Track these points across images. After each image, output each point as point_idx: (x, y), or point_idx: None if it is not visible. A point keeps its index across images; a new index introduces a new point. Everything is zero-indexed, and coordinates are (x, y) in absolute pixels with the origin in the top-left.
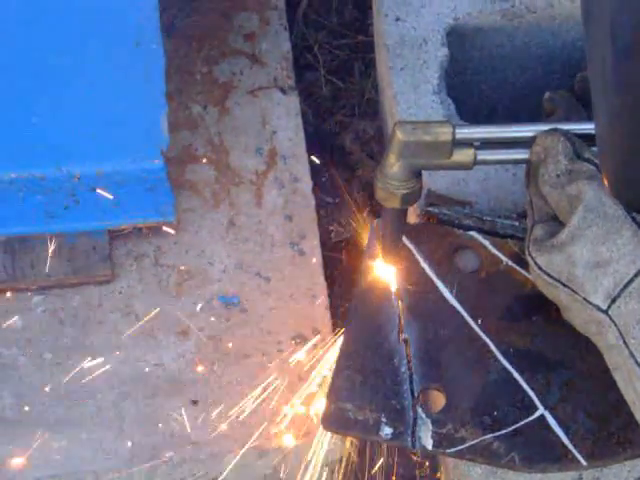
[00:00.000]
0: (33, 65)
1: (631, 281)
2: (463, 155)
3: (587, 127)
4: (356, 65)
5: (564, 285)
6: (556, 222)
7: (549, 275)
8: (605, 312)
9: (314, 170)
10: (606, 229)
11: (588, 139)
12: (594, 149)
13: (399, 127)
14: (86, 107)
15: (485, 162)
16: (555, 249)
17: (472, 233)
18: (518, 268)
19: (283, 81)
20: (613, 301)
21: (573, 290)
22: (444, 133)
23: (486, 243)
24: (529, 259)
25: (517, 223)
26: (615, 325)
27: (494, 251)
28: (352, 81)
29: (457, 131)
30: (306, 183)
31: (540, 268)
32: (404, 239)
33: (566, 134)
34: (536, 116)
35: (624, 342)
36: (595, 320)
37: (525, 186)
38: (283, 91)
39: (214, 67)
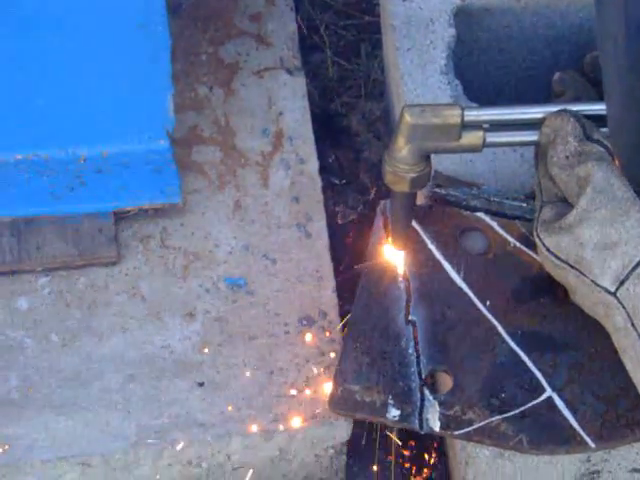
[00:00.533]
0: (38, 46)
1: (639, 263)
2: (472, 137)
3: (597, 108)
4: (363, 46)
5: (572, 267)
6: (565, 204)
7: (557, 257)
8: (613, 294)
9: (320, 151)
10: (614, 211)
11: (598, 120)
12: (604, 130)
13: (407, 110)
14: (92, 88)
15: (494, 144)
16: (563, 231)
17: (479, 214)
18: (526, 249)
19: (289, 62)
20: (621, 283)
21: (581, 272)
22: (453, 115)
23: (494, 224)
24: (537, 240)
25: (525, 204)
26: (623, 307)
27: (502, 232)
28: (358, 62)
29: (466, 113)
30: (312, 164)
31: (548, 250)
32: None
33: (575, 115)
34: (543, 97)
35: (632, 324)
36: (603, 302)
37: (534, 167)
38: (289, 72)
39: (220, 48)
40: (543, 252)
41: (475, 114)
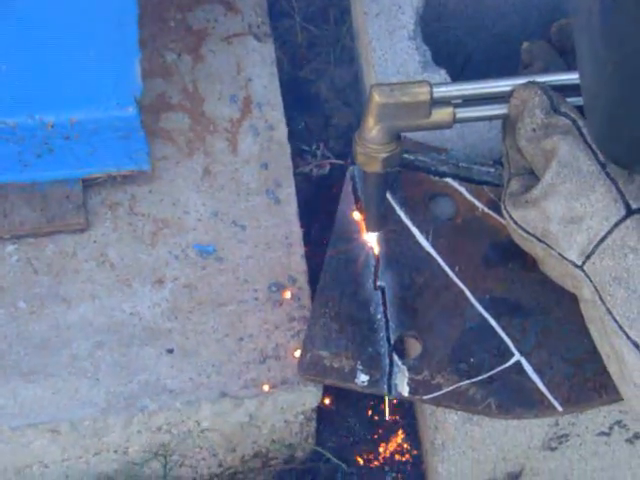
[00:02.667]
0: (3, 13)
1: (604, 238)
2: (442, 114)
3: (565, 78)
4: (332, 12)
5: (539, 240)
6: (532, 175)
7: (524, 230)
8: (580, 268)
9: (290, 118)
10: (580, 185)
11: (566, 90)
12: (572, 100)
13: (376, 89)
14: (58, 55)
15: (465, 120)
16: (530, 204)
17: (448, 180)
18: (494, 214)
19: (258, 28)
20: (588, 257)
21: (548, 245)
22: (422, 93)
23: (462, 190)
24: (505, 213)
25: (493, 169)
26: (590, 281)
27: (470, 198)
28: (328, 28)
29: (435, 90)
30: (281, 131)
31: (516, 222)
32: None
33: (543, 87)
34: (512, 63)
35: (600, 298)
36: (571, 275)
37: (502, 139)
38: (258, 38)
39: (188, 14)
40: (511, 225)
41: (444, 90)
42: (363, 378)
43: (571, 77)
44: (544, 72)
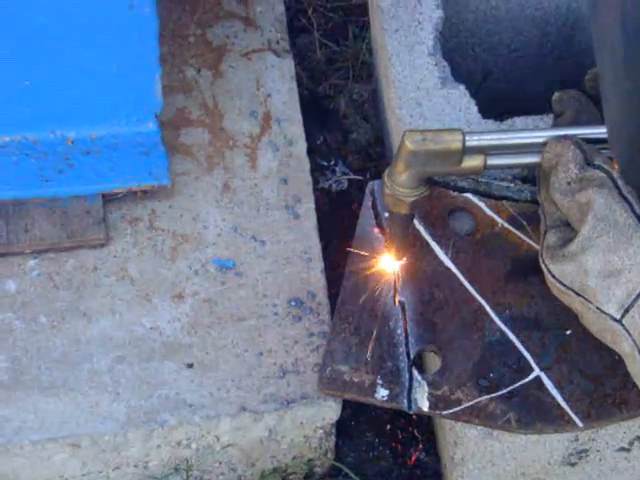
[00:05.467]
0: (25, 28)
1: None
2: (473, 162)
3: (598, 131)
4: (350, 27)
5: (577, 294)
6: (568, 227)
7: (562, 284)
8: (619, 322)
9: (309, 133)
10: (617, 238)
11: (599, 142)
12: (605, 152)
13: (408, 137)
14: (79, 70)
15: (495, 167)
16: (567, 258)
17: (467, 195)
18: (514, 230)
19: (277, 44)
20: (626, 311)
21: (586, 299)
22: (454, 141)
23: (481, 205)
24: (543, 267)
25: (512, 185)
26: (629, 335)
27: (489, 213)
28: (347, 44)
29: (467, 139)
30: (301, 146)
31: (554, 276)
32: None
33: (576, 141)
34: (530, 79)
35: (639, 352)
36: (609, 329)
37: (537, 192)
38: (277, 54)
39: (208, 30)
40: (549, 278)
41: (477, 139)
42: (383, 393)
43: (604, 131)
44: (577, 125)
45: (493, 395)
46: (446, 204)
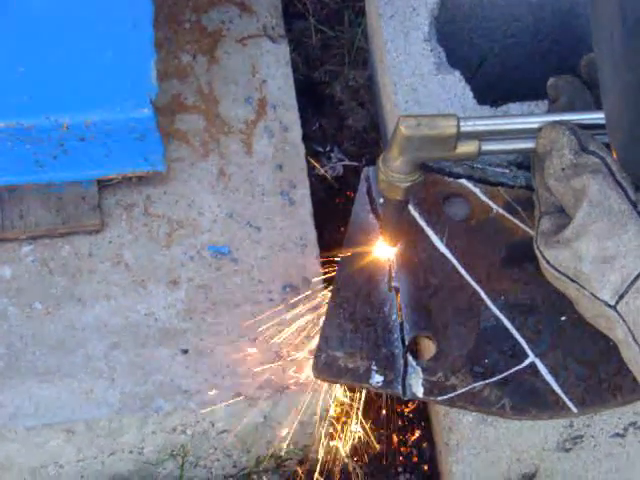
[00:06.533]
0: (19, 14)
1: (638, 277)
2: (468, 147)
3: (593, 116)
4: (346, 13)
5: (572, 280)
6: (563, 214)
7: (556, 269)
8: (613, 308)
9: (304, 119)
10: (611, 224)
11: (594, 128)
12: (599, 137)
13: (403, 122)
14: (74, 56)
15: (490, 152)
16: (561, 244)
17: (462, 181)
18: (508, 215)
19: (272, 30)
20: (621, 297)
21: (581, 285)
22: (449, 127)
23: (476, 191)
24: (537, 252)
25: (507, 171)
26: (624, 321)
27: (484, 199)
28: (342, 30)
29: (462, 124)
30: (296, 132)
31: (548, 262)
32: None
33: (571, 127)
34: (526, 65)
35: (633, 339)
36: (604, 315)
37: (531, 178)
38: (272, 40)
39: (203, 16)
40: (543, 264)
41: (471, 125)
42: (378, 378)
43: (599, 116)
44: (572, 110)
45: (488, 381)
46: (441, 190)
